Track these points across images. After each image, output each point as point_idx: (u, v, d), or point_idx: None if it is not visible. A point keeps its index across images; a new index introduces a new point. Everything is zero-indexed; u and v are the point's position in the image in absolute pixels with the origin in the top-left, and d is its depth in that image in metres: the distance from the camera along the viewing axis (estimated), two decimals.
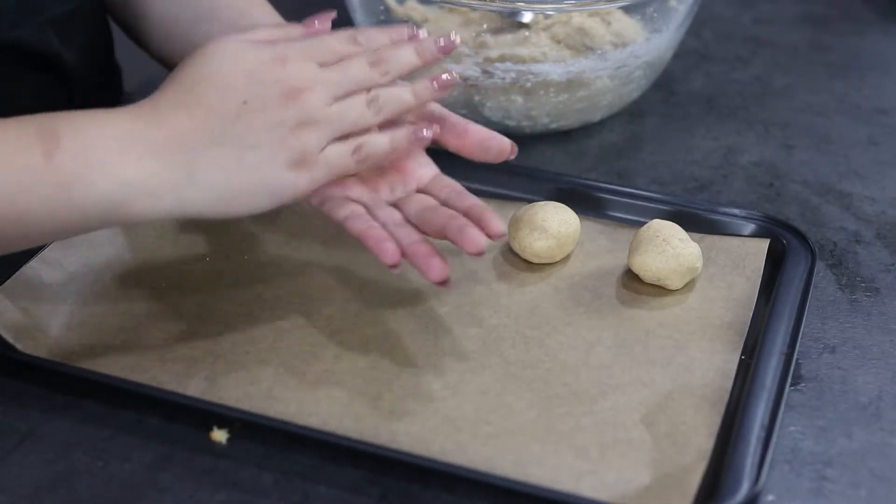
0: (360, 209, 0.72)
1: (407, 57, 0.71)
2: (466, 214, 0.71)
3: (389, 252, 0.69)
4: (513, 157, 0.74)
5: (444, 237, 0.70)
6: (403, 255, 0.69)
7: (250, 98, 0.67)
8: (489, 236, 0.70)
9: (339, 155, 0.69)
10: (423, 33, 0.73)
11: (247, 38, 0.69)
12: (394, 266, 0.69)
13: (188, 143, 0.66)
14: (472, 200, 0.73)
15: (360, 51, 0.71)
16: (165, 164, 0.65)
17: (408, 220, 0.72)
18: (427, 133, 0.72)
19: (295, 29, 0.73)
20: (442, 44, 0.72)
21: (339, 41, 0.71)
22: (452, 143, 0.75)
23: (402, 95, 0.71)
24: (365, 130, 0.70)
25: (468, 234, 0.69)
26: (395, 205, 0.74)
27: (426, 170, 0.76)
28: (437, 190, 0.74)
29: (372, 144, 0.70)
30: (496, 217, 0.71)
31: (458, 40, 0.72)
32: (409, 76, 0.72)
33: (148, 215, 0.66)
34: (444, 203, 0.73)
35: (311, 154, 0.68)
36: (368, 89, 0.70)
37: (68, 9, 0.85)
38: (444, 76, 0.72)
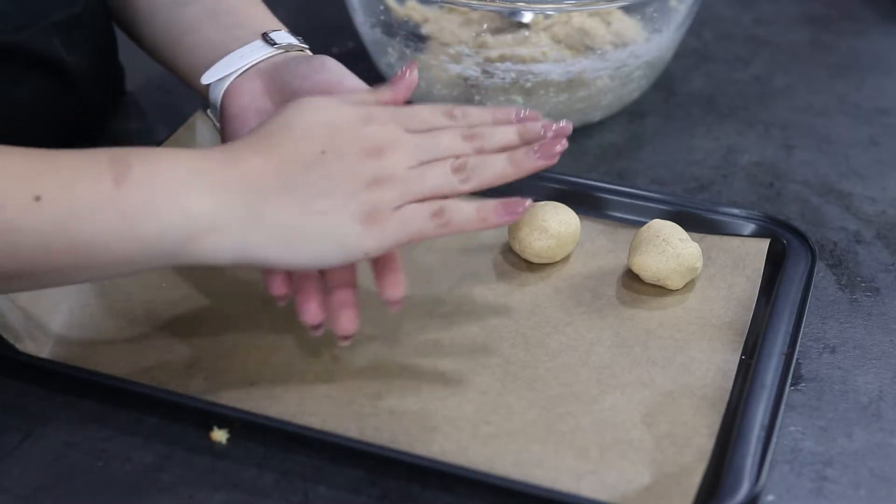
0: None
1: (505, 135, 0.68)
2: (375, 266, 0.69)
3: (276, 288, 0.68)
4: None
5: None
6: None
7: (329, 149, 0.65)
8: (385, 301, 0.68)
9: (416, 215, 0.65)
10: (532, 121, 0.69)
11: (337, 98, 0.68)
12: (280, 298, 0.69)
13: (258, 185, 0.64)
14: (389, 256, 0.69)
15: (452, 125, 0.69)
16: (233, 201, 0.63)
17: None
18: (518, 210, 0.67)
19: (385, 93, 0.70)
20: (552, 131, 0.68)
21: (432, 113, 0.69)
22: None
23: (497, 163, 0.67)
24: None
25: (341, 316, 0.68)
26: None
27: None
28: None
29: (455, 209, 0.66)
30: (399, 281, 0.69)
31: (570, 127, 0.69)
32: None
33: (210, 255, 0.64)
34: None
35: (383, 210, 0.64)
36: (457, 157, 0.67)
37: (73, 13, 0.85)
38: (546, 150, 0.68)
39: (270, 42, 0.78)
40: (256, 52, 0.77)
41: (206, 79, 0.77)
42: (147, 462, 0.67)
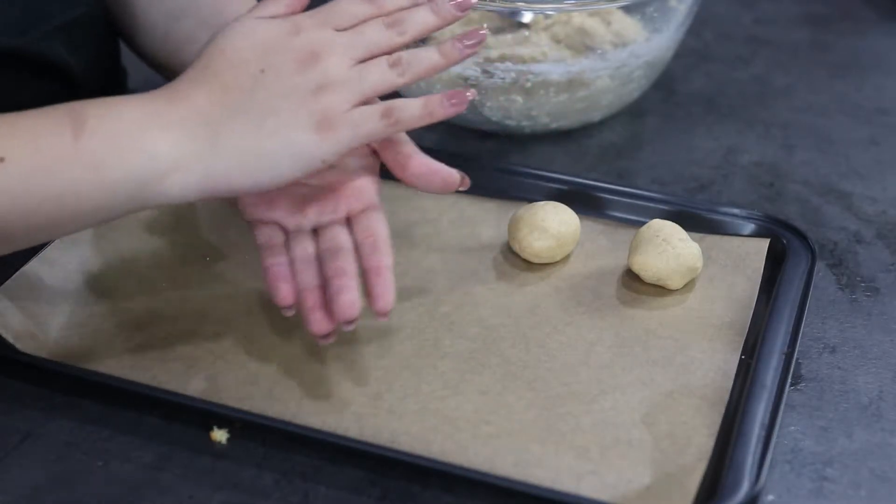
0: (277, 238, 0.71)
1: (423, 17, 0.70)
2: (365, 273, 0.70)
3: (281, 293, 0.69)
4: (464, 188, 0.72)
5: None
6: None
7: (266, 67, 0.66)
8: (375, 312, 0.68)
9: (366, 117, 0.67)
10: None
11: (258, 15, 0.69)
12: (286, 308, 0.69)
13: (207, 117, 0.66)
14: (379, 262, 0.70)
15: (375, 13, 0.70)
16: (189, 135, 0.65)
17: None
18: (463, 99, 0.69)
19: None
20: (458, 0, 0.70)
21: (352, 3, 0.70)
22: (396, 174, 0.73)
23: (428, 55, 0.69)
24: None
25: (340, 300, 0.68)
26: (316, 230, 0.72)
27: (361, 201, 0.72)
28: (359, 231, 0.71)
29: (402, 108, 0.68)
30: (389, 291, 0.68)
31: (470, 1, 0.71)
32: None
33: (177, 192, 0.66)
34: (357, 247, 0.71)
35: (334, 115, 0.66)
36: (391, 52, 0.69)
37: (74, 16, 0.86)
38: (469, 38, 0.70)
39: None
40: None
41: None
42: (147, 462, 0.67)
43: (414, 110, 0.68)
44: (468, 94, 0.69)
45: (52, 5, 0.84)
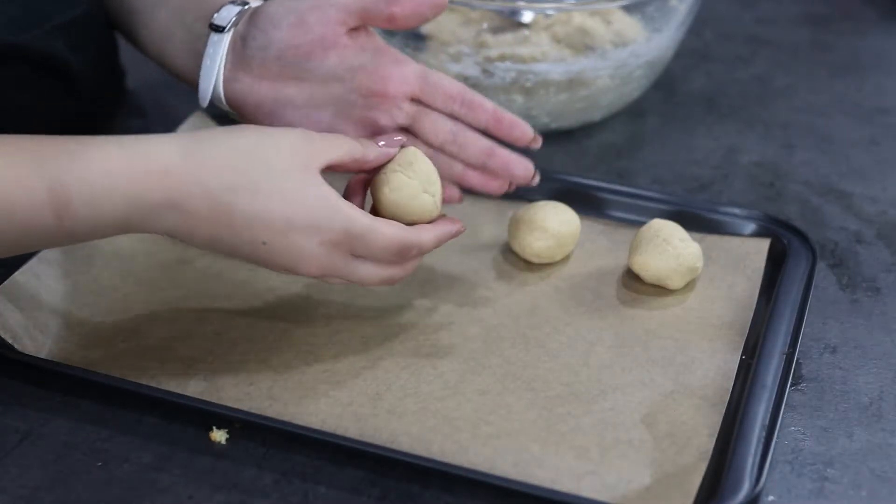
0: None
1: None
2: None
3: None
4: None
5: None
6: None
7: (270, 243, 0.67)
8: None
9: (372, 275, 0.70)
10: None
11: (313, 166, 0.67)
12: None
13: (192, 236, 0.67)
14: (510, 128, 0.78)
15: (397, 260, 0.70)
16: (169, 231, 0.67)
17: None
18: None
19: (370, 150, 0.71)
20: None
21: (387, 251, 0.69)
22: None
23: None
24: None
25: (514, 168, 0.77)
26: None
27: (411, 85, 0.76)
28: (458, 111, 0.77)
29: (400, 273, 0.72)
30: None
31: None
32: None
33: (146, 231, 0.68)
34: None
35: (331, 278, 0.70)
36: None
37: (74, 15, 0.86)
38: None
39: (218, 28, 0.76)
40: (217, 47, 0.76)
41: (204, 102, 0.77)
42: (146, 462, 0.67)
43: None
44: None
45: (53, 4, 0.84)
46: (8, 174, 0.64)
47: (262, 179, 0.66)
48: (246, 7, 0.77)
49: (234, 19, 0.76)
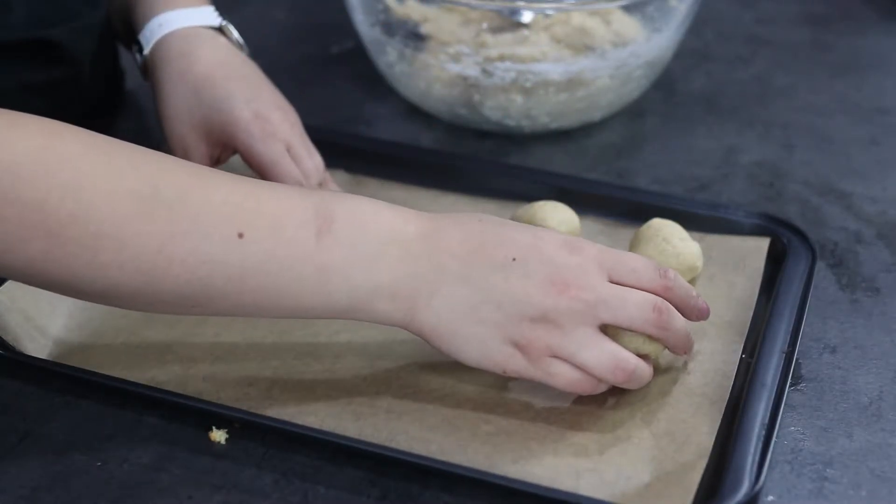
0: None
1: (683, 330, 0.68)
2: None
3: None
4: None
5: None
6: None
7: (521, 259, 0.65)
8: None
9: (563, 373, 0.66)
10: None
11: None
12: None
13: (444, 265, 0.65)
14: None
15: (658, 287, 0.67)
16: (415, 277, 0.65)
17: None
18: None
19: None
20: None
21: (645, 267, 0.67)
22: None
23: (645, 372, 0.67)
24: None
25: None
26: None
27: None
28: None
29: (599, 387, 0.67)
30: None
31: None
32: None
33: (379, 317, 0.66)
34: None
35: (534, 351, 0.65)
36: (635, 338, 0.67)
37: (100, 16, 0.88)
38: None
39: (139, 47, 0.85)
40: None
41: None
42: (146, 462, 0.67)
43: (601, 389, 0.67)
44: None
45: (79, 5, 0.86)
46: (280, 194, 0.65)
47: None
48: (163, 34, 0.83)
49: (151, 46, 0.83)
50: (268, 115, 0.81)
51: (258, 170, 0.81)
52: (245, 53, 0.86)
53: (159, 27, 0.83)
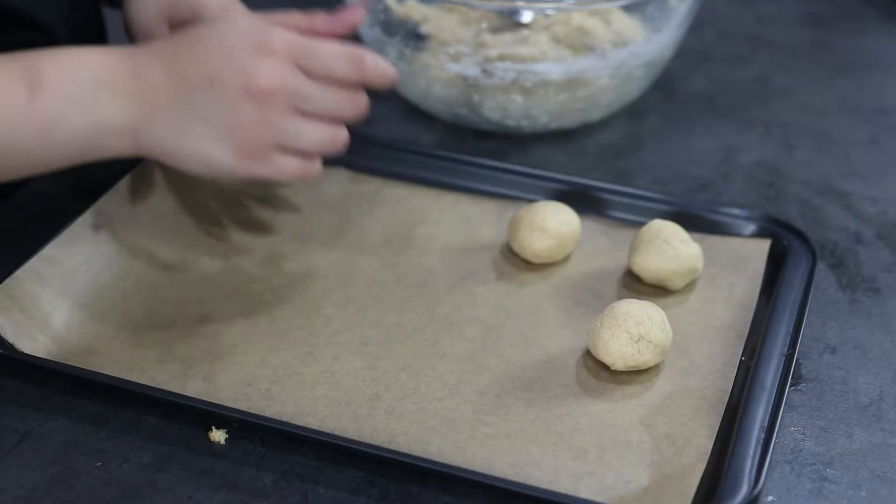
0: None
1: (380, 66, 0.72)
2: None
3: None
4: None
5: None
6: None
7: (217, 78, 0.69)
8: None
9: (288, 167, 0.71)
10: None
11: (255, 17, 0.72)
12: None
13: (153, 98, 0.70)
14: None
15: (352, 76, 0.71)
16: (133, 108, 0.70)
17: None
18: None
19: (320, 21, 0.73)
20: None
21: (336, 57, 0.71)
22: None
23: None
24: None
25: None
26: None
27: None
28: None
29: (316, 169, 0.73)
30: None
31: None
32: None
33: (116, 153, 0.71)
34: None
35: (257, 151, 0.70)
36: (340, 119, 0.72)
37: None
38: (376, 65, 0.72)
39: None
40: None
41: None
42: (145, 462, 0.67)
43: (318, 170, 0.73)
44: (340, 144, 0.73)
45: None
46: None
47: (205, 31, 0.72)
48: None
49: None
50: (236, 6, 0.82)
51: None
52: None
53: None
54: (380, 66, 0.72)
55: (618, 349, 0.71)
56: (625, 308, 0.71)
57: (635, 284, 0.79)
